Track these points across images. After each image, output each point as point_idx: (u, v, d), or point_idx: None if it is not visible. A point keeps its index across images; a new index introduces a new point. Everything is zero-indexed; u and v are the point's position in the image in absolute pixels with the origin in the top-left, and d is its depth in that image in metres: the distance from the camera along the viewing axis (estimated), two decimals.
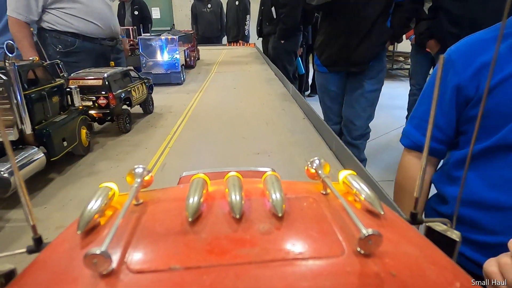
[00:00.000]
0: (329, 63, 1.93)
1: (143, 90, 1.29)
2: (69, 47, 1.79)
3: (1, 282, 0.20)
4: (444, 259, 0.20)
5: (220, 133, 1.16)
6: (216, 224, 0.22)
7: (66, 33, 1.76)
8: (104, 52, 1.92)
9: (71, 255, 0.20)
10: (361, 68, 1.84)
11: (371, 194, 0.24)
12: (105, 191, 0.24)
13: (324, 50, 1.91)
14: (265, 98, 1.62)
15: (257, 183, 0.27)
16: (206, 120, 1.31)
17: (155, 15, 8.06)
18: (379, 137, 3.46)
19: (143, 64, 1.92)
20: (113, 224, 0.20)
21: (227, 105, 1.51)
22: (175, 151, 1.00)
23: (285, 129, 1.17)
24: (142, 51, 1.90)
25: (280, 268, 0.18)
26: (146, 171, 0.26)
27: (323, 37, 1.89)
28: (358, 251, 0.19)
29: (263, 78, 2.16)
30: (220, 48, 4.31)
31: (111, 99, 1.05)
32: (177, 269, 0.18)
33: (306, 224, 0.22)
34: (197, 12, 5.24)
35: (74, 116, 0.90)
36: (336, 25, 1.79)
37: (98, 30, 1.83)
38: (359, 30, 1.74)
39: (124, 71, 1.18)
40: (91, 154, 0.97)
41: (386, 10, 1.73)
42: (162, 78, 1.96)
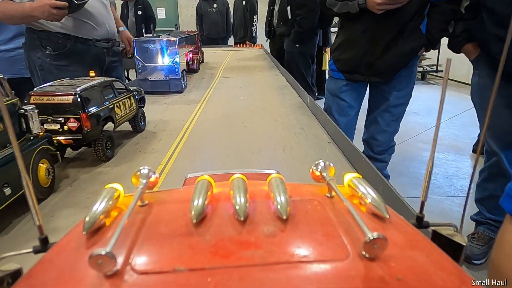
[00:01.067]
0: (346, 69, 1.64)
1: (131, 105, 1.04)
2: (60, 49, 1.59)
3: (7, 282, 0.21)
4: (450, 264, 0.19)
5: (225, 163, 0.90)
6: (221, 226, 0.21)
7: (57, 33, 1.56)
8: (98, 54, 1.71)
9: (76, 255, 0.20)
10: (386, 79, 1.56)
11: (376, 197, 0.23)
12: (111, 192, 0.24)
13: (342, 53, 1.63)
14: (279, 112, 1.36)
15: (261, 185, 0.26)
16: (207, 143, 1.05)
17: (160, 15, 7.90)
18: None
19: (139, 69, 1.67)
20: (118, 225, 0.20)
21: (234, 121, 1.26)
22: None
23: (309, 159, 0.91)
24: (137, 55, 1.65)
25: (285, 270, 0.18)
26: (151, 172, 0.26)
27: (342, 38, 1.61)
28: (363, 255, 0.19)
29: (274, 86, 1.90)
30: (226, 49, 4.06)
31: (85, 120, 0.79)
32: (182, 271, 0.18)
33: (311, 227, 0.22)
34: (202, 12, 4.99)
35: (28, 148, 0.65)
36: (360, 25, 1.51)
37: (91, 31, 1.63)
38: (388, 32, 1.46)
39: (105, 82, 0.93)
40: (53, 196, 0.72)
41: (421, 11, 1.45)
42: (160, 86, 1.71)
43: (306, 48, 2.79)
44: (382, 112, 1.68)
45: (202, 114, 1.35)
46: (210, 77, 2.21)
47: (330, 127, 1.08)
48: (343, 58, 1.62)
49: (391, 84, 1.58)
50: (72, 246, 0.21)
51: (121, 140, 1.04)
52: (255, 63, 2.81)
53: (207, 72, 2.41)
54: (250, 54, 3.55)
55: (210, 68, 2.56)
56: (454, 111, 4.24)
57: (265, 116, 1.29)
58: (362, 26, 1.49)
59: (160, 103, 1.53)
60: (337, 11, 1.49)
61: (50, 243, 0.23)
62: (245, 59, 3.18)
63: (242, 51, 3.80)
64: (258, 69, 2.49)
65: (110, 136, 0.91)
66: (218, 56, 3.32)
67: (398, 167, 2.81)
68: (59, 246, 0.22)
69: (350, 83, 1.65)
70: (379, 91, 1.65)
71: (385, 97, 1.64)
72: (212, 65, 2.73)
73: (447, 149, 3.25)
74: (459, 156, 3.08)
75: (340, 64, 1.64)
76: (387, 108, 1.66)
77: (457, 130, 3.61)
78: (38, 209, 0.22)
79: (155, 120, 1.26)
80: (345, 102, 1.70)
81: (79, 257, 0.19)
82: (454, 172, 2.77)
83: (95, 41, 1.69)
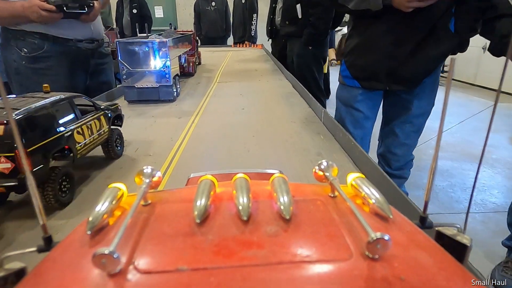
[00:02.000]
0: (363, 75, 1.39)
1: (102, 127, 0.79)
2: (36, 51, 1.40)
3: (11, 280, 0.21)
4: (453, 264, 0.19)
5: None
6: (224, 226, 0.21)
7: (32, 33, 1.37)
8: (82, 56, 1.51)
9: (80, 254, 0.20)
10: (410, 87, 1.32)
11: (379, 197, 0.23)
12: (114, 192, 0.24)
13: (358, 57, 1.38)
14: (287, 129, 1.11)
15: (264, 185, 0.26)
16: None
17: (157, 14, 7.70)
18: None
19: (124, 75, 1.42)
20: (121, 225, 0.20)
21: (233, 143, 1.01)
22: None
23: None
24: (121, 59, 1.40)
25: (287, 270, 0.18)
26: (154, 171, 0.25)
27: (358, 40, 1.36)
28: (366, 255, 0.19)
29: (280, 93, 1.65)
30: (225, 49, 3.81)
31: (23, 159, 0.54)
32: (185, 270, 0.18)
33: (314, 226, 0.21)
34: (200, 10, 4.74)
35: None
36: (380, 24, 1.26)
37: (72, 30, 1.43)
38: (415, 33, 1.21)
39: (60, 101, 0.68)
40: None
41: (450, 8, 1.20)
42: (149, 94, 1.47)
43: (319, 51, 2.52)
44: (401, 123, 1.44)
45: (195, 131, 1.10)
46: (207, 81, 1.97)
47: (355, 152, 0.83)
48: (359, 63, 1.37)
49: (413, 92, 1.34)
50: (76, 245, 0.21)
51: (88, 172, 0.80)
52: (256, 66, 2.56)
53: (204, 75, 2.16)
54: (250, 54, 3.29)
55: (207, 71, 2.32)
56: (465, 113, 3.97)
57: (272, 136, 1.04)
58: (384, 26, 1.24)
59: (147, 116, 1.29)
60: (353, 7, 1.24)
61: (54, 242, 0.23)
62: (246, 60, 2.93)
63: (242, 52, 3.55)
64: (260, 73, 2.24)
65: (67, 173, 0.66)
66: (217, 57, 3.06)
67: (411, 177, 2.57)
68: (63, 245, 0.21)
69: (366, 92, 1.41)
70: (399, 100, 1.40)
71: (406, 106, 1.39)
72: (210, 67, 2.48)
73: (461, 157, 3.00)
74: (475, 165, 2.83)
75: (356, 70, 1.39)
76: (407, 119, 1.42)
77: (469, 135, 3.37)
78: (42, 208, 0.22)
79: (137, 141, 1.01)
80: (360, 113, 1.45)
81: (83, 256, 0.19)
82: (472, 184, 2.53)
83: (76, 42, 1.48)
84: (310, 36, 2.37)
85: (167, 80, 1.45)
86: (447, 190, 2.45)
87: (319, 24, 2.34)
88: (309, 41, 2.39)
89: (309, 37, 2.38)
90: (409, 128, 1.45)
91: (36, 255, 0.22)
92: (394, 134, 1.47)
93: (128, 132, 1.07)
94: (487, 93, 4.93)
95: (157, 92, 1.47)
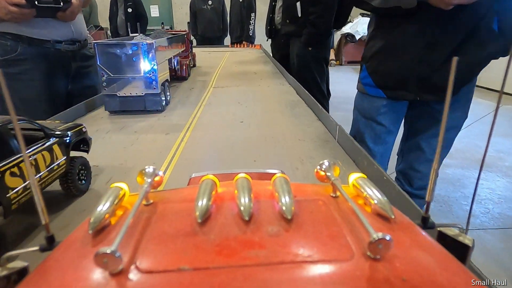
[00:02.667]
0: (389, 84, 1.20)
1: (56, 159, 0.59)
2: (9, 54, 1.25)
3: (14, 279, 0.21)
4: (456, 265, 0.19)
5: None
6: (225, 226, 0.21)
7: (4, 34, 1.22)
8: (61, 59, 1.36)
9: (82, 254, 0.20)
10: (444, 97, 1.11)
11: (381, 197, 0.23)
12: (116, 191, 0.24)
13: (382, 63, 1.19)
14: (297, 151, 0.91)
15: (266, 185, 0.26)
16: None
17: (153, 13, 7.55)
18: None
19: (104, 82, 1.22)
20: (123, 224, 0.20)
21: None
22: None
23: None
24: (100, 63, 1.19)
25: (289, 271, 0.17)
26: (156, 171, 0.26)
27: (382, 43, 1.16)
28: (368, 255, 0.18)
29: (283, 101, 1.45)
30: (222, 50, 3.60)
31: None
32: (186, 270, 0.18)
33: (315, 227, 0.21)
34: (196, 9, 4.53)
35: None
36: (412, 25, 1.06)
37: (49, 30, 1.28)
38: (454, 34, 1.02)
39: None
40: None
41: (492, 5, 1.01)
42: (133, 104, 1.26)
43: (320, 51, 2.30)
44: (429, 137, 1.25)
45: (183, 154, 0.90)
46: (202, 86, 1.76)
47: (387, 187, 0.63)
48: (383, 69, 1.17)
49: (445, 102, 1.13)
50: (78, 245, 0.21)
51: (36, 220, 0.59)
52: (255, 68, 2.35)
53: (198, 79, 1.95)
54: (249, 55, 3.09)
55: (202, 74, 2.11)
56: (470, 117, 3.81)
57: (278, 161, 0.84)
58: (415, 26, 1.05)
59: (129, 131, 1.08)
60: (378, 5, 1.04)
61: (56, 241, 0.23)
62: (244, 62, 2.72)
63: (239, 52, 3.34)
64: (260, 76, 2.04)
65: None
66: (213, 58, 2.85)
67: None
68: (65, 244, 0.21)
69: (390, 102, 1.21)
70: (428, 111, 1.21)
71: (436, 118, 1.20)
72: (205, 69, 2.28)
73: (472, 164, 2.82)
74: (488, 174, 2.65)
75: (379, 77, 1.19)
76: (437, 132, 1.22)
77: (478, 139, 3.18)
78: (44, 208, 0.22)
79: (111, 167, 0.81)
80: (382, 127, 1.26)
81: (85, 256, 0.19)
82: (487, 195, 2.34)
83: (55, 43, 1.32)
84: (309, 36, 2.17)
85: (154, 88, 1.24)
86: (460, 203, 2.26)
87: (320, 23, 2.14)
88: (308, 41, 2.19)
89: (309, 37, 2.18)
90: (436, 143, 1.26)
91: (39, 254, 0.22)
92: (420, 149, 1.28)
93: (102, 155, 0.87)
94: (493, 95, 4.73)
95: (143, 102, 1.27)
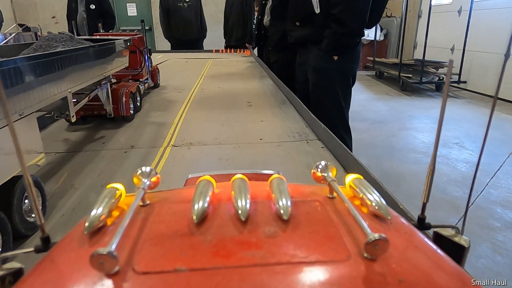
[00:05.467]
0: None
1: None
2: None
3: (9, 280, 0.20)
4: (451, 265, 0.19)
5: None
6: (222, 227, 0.21)
7: None
8: None
9: (78, 255, 0.19)
10: None
11: (378, 198, 0.22)
12: (112, 192, 0.23)
13: None
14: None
15: (263, 186, 0.25)
16: None
17: (130, 12, 6.94)
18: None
19: None
20: (120, 225, 0.19)
21: None
22: None
23: None
24: None
25: (285, 271, 0.17)
26: (153, 172, 0.24)
27: None
28: (364, 256, 0.18)
29: (304, 162, 0.63)
30: (203, 56, 2.75)
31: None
32: (183, 271, 0.17)
33: (312, 227, 0.21)
34: (169, 7, 3.65)
35: None
36: None
37: None
38: None
39: None
40: None
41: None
42: None
43: (347, 62, 1.49)
44: None
45: None
46: (153, 138, 0.91)
47: None
48: None
49: None
50: (74, 246, 0.20)
51: None
52: (248, 87, 1.53)
53: (152, 119, 1.10)
54: (237, 65, 2.27)
55: (163, 105, 1.27)
56: (500, 137, 3.04)
57: None
58: None
59: None
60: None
61: (51, 242, 0.22)
62: (231, 76, 1.90)
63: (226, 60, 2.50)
64: (257, 106, 1.21)
65: None
66: (189, 71, 2.03)
67: (476, 235, 1.56)
68: (60, 245, 0.20)
69: None
70: None
71: None
72: (171, 93, 1.44)
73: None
74: None
75: None
76: None
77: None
78: (39, 209, 0.21)
79: None
80: None
81: (81, 257, 0.18)
82: None
83: None
84: (335, 38, 1.36)
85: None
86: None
87: (349, 18, 1.33)
88: (334, 47, 1.38)
89: (334, 39, 1.36)
90: None
91: (34, 256, 0.21)
92: None
93: None
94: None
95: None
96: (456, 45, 5.06)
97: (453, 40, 5.11)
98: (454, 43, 5.09)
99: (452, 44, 5.16)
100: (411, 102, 4.39)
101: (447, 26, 5.19)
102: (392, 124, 3.40)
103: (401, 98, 4.55)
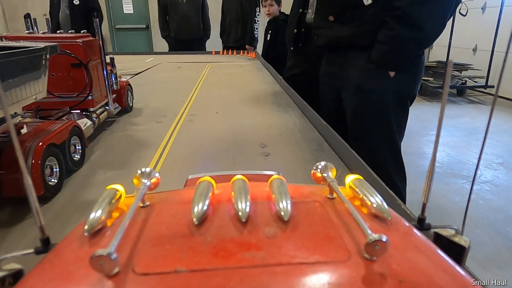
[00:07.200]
0: None
1: None
2: None
3: (9, 282, 0.19)
4: (452, 266, 0.18)
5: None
6: (222, 228, 0.20)
7: None
8: None
9: (77, 256, 0.19)
10: None
11: (378, 199, 0.22)
12: (112, 193, 0.23)
13: None
14: None
15: (263, 186, 0.25)
16: None
17: (126, 9, 6.52)
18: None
19: None
20: (119, 226, 0.19)
21: None
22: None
23: None
24: None
25: (285, 272, 0.17)
26: (153, 172, 0.24)
27: None
28: (364, 256, 0.18)
29: None
30: (201, 60, 2.26)
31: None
32: (183, 272, 0.17)
33: (312, 228, 0.21)
34: (167, 2, 3.14)
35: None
36: None
37: None
38: None
39: None
40: None
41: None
42: None
43: (409, 80, 0.99)
44: None
45: None
46: None
47: None
48: None
49: None
50: (74, 247, 0.20)
51: None
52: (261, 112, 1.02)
53: (96, 189, 0.60)
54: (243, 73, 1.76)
55: (128, 150, 0.77)
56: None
57: None
58: None
59: None
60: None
61: (51, 244, 0.22)
62: (235, 91, 1.40)
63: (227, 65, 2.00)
64: (277, 153, 0.71)
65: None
66: (180, 80, 1.53)
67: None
68: (60, 247, 0.20)
69: None
70: None
71: None
72: (147, 124, 0.94)
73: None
74: None
75: None
76: None
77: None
78: (40, 210, 0.20)
79: None
80: None
81: (81, 258, 0.18)
82: None
83: None
84: (396, 44, 0.86)
85: None
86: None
87: (424, 17, 0.83)
88: (392, 57, 0.88)
89: (394, 46, 0.86)
90: None
91: (34, 257, 0.20)
92: None
93: None
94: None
95: None
96: (479, 45, 4.54)
97: (475, 40, 4.59)
98: (477, 43, 4.58)
99: (475, 44, 4.63)
100: (432, 109, 3.88)
101: (469, 24, 4.65)
102: (417, 137, 2.89)
103: (421, 104, 4.03)
